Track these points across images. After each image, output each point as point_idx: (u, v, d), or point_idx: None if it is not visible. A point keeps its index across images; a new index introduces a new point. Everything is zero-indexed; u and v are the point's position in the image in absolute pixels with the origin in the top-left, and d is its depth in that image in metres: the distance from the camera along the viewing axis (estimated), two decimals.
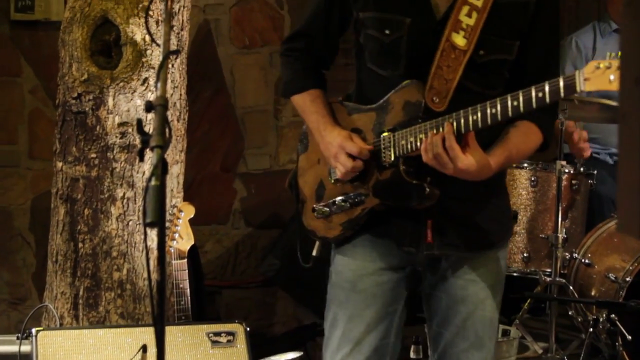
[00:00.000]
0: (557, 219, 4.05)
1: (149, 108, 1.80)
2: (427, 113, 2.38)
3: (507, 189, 2.68)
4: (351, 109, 2.59)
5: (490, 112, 2.24)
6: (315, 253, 2.70)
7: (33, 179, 5.31)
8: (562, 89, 2.13)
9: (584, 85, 2.09)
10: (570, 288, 4.10)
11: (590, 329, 3.80)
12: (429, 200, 2.42)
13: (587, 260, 4.14)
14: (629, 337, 3.74)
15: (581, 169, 4.24)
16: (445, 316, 2.57)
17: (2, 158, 5.29)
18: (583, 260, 4.16)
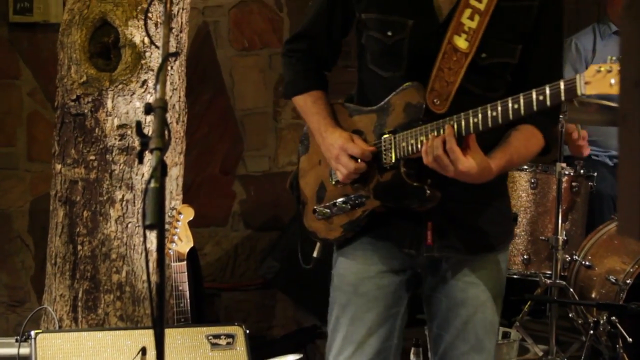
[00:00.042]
0: (558, 221, 4.05)
1: (148, 110, 1.80)
2: (428, 115, 2.38)
3: (508, 192, 2.68)
4: (352, 111, 2.59)
5: (491, 115, 2.24)
6: (316, 254, 2.70)
7: (32, 181, 5.30)
8: (563, 92, 2.13)
9: (585, 88, 2.09)
10: (571, 290, 4.09)
11: (591, 332, 3.80)
12: (429, 203, 2.41)
13: (588, 263, 4.13)
14: (630, 340, 3.74)
15: (581, 171, 4.23)
16: (445, 319, 2.56)
17: (1, 160, 5.28)
18: (583, 263, 4.15)
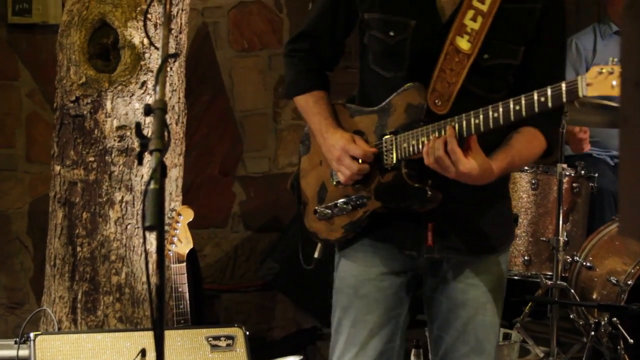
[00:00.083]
0: (558, 222, 4.04)
1: (147, 111, 1.80)
2: (429, 116, 2.38)
3: (509, 194, 2.67)
4: (353, 111, 2.58)
5: (492, 116, 2.23)
6: (317, 255, 2.70)
7: (31, 183, 5.29)
8: (565, 94, 2.13)
9: (587, 90, 2.09)
10: (572, 291, 4.09)
11: (592, 333, 3.80)
12: (431, 203, 2.41)
13: (589, 264, 4.13)
14: (631, 341, 3.74)
15: (582, 172, 4.23)
16: (445, 320, 2.56)
17: (0, 162, 5.27)
18: (584, 264, 4.14)
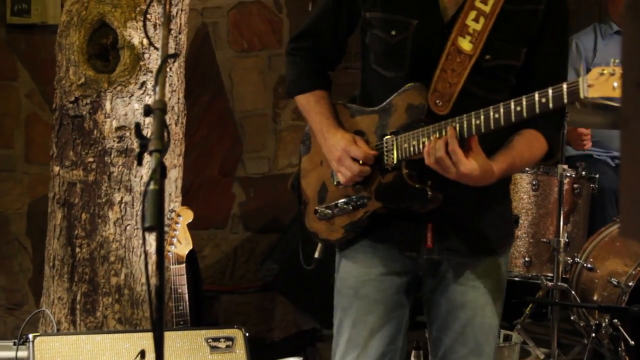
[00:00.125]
0: (559, 223, 4.04)
1: (147, 112, 1.79)
2: (430, 116, 2.37)
3: (510, 196, 2.67)
4: (354, 111, 2.58)
5: (493, 117, 2.23)
6: (317, 255, 2.69)
7: (30, 184, 5.29)
8: (566, 95, 2.13)
9: (588, 91, 2.09)
10: (572, 293, 4.08)
11: (593, 334, 3.79)
12: (431, 204, 2.41)
13: (589, 265, 4.12)
14: (632, 342, 3.74)
15: (583, 173, 4.22)
16: (444, 321, 2.56)
17: None
18: (585, 265, 4.13)
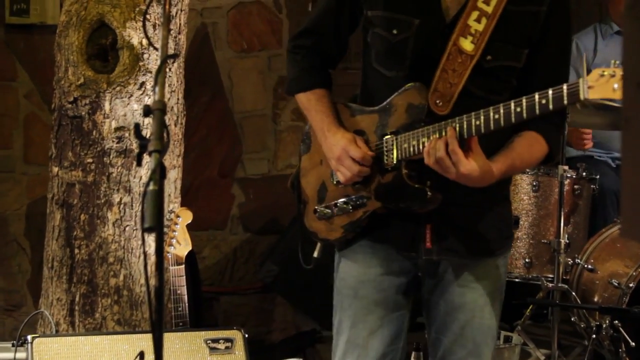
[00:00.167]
0: (560, 224, 4.03)
1: (147, 112, 1.78)
2: (430, 116, 2.37)
3: (510, 197, 2.66)
4: (355, 110, 2.58)
5: (493, 117, 2.23)
6: (316, 254, 2.69)
7: (28, 184, 5.28)
8: (566, 96, 2.13)
9: (588, 93, 2.09)
10: (573, 294, 4.07)
11: (593, 336, 3.80)
12: (431, 204, 2.40)
13: (590, 266, 4.11)
14: (632, 344, 3.74)
15: (583, 174, 4.22)
16: (443, 323, 2.56)
17: None
18: (586, 266, 4.13)
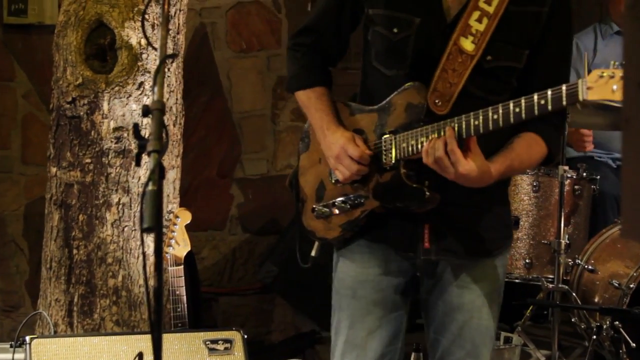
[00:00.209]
0: (560, 224, 4.03)
1: (145, 112, 1.77)
2: (429, 116, 2.37)
3: (509, 197, 2.66)
4: (354, 109, 2.58)
5: (492, 118, 2.24)
6: (314, 253, 2.68)
7: (26, 185, 5.27)
8: (565, 97, 2.13)
9: (587, 94, 2.09)
10: (573, 294, 4.07)
11: (594, 336, 3.80)
12: (429, 204, 2.40)
13: (590, 267, 4.11)
14: (633, 345, 3.73)
15: (584, 174, 4.22)
16: (441, 323, 2.55)
17: None
18: (586, 267, 4.12)
